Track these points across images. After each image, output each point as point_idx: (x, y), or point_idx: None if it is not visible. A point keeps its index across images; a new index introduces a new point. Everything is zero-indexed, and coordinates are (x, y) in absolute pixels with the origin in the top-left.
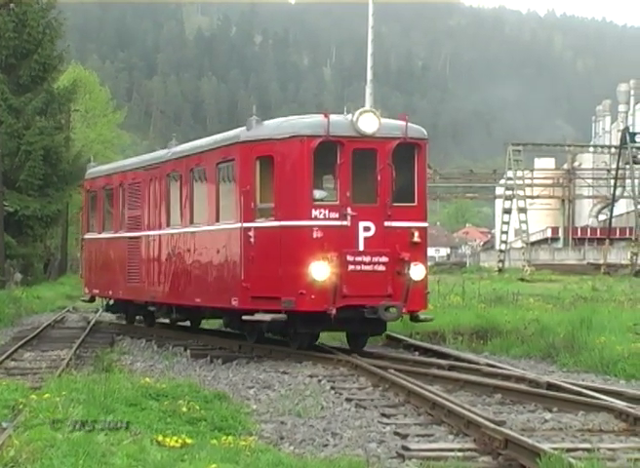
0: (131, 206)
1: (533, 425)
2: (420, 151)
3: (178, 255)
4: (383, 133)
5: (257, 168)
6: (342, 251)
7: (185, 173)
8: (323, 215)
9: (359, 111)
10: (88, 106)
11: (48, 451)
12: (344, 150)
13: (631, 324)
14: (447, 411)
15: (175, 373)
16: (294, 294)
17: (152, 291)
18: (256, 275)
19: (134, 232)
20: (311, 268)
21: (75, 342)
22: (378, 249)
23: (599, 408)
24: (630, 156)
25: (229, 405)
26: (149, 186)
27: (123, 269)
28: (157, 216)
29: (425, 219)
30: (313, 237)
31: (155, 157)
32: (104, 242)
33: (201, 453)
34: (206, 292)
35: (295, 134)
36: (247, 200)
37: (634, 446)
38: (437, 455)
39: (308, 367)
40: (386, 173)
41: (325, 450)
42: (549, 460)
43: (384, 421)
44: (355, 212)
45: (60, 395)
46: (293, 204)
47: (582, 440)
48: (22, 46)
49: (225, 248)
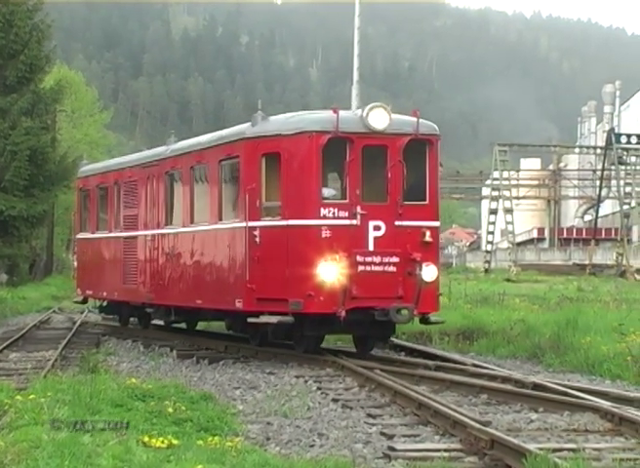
0: (127, 205)
1: (519, 425)
2: (432, 148)
3: (177, 256)
4: (394, 128)
5: (262, 165)
6: (352, 251)
7: (186, 170)
8: (332, 214)
9: (369, 106)
10: (74, 107)
11: (33, 452)
12: (354, 147)
13: (617, 324)
14: (433, 412)
15: (161, 374)
16: (301, 296)
17: (150, 292)
18: (261, 276)
19: (130, 232)
20: (320, 269)
21: (61, 343)
22: (388, 249)
23: (585, 408)
24: (616, 157)
25: (215, 405)
26: (147, 184)
27: (118, 270)
28: (155, 215)
29: (437, 219)
30: (322, 236)
31: (153, 154)
32: (98, 242)
33: (187, 454)
34: (208, 293)
35: (303, 129)
36: (252, 198)
37: (620, 446)
38: (423, 456)
39: (295, 367)
40: (397, 170)
41: (311, 451)
42: (535, 460)
43: (371, 422)
44: (365, 210)
45: (45, 396)
46: (301, 202)
47: (568, 440)
48: (9, 46)
49: (229, 248)
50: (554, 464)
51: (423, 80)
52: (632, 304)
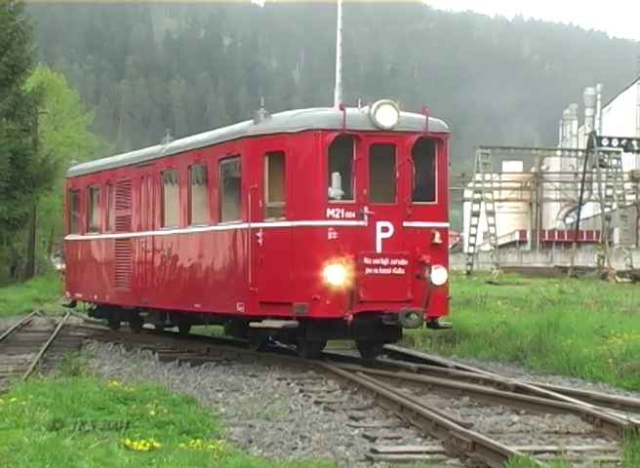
0: (120, 205)
1: (500, 427)
2: (442, 146)
3: (174, 258)
4: (403, 126)
5: (265, 164)
6: (359, 253)
7: (183, 170)
8: (338, 215)
9: (377, 103)
10: (55, 109)
11: (14, 455)
12: (361, 145)
13: (598, 326)
14: (415, 414)
15: (143, 377)
16: (307, 300)
17: (144, 295)
18: (264, 279)
19: (123, 233)
20: (326, 271)
21: (42, 346)
22: (396, 251)
23: (566, 410)
24: (597, 160)
25: (198, 408)
26: (141, 185)
27: (110, 272)
28: (150, 216)
29: (446, 219)
30: (328, 238)
31: (148, 153)
32: (88, 243)
33: (169, 457)
34: (207, 297)
35: (309, 127)
36: (255, 199)
37: (601, 448)
38: (405, 458)
39: (277, 370)
40: (406, 169)
41: (294, 454)
42: (517, 462)
43: (353, 424)
44: (372, 211)
45: (26, 399)
46: (306, 202)
47: (549, 442)
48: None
49: (230, 249)
50: (535, 466)
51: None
52: (613, 307)
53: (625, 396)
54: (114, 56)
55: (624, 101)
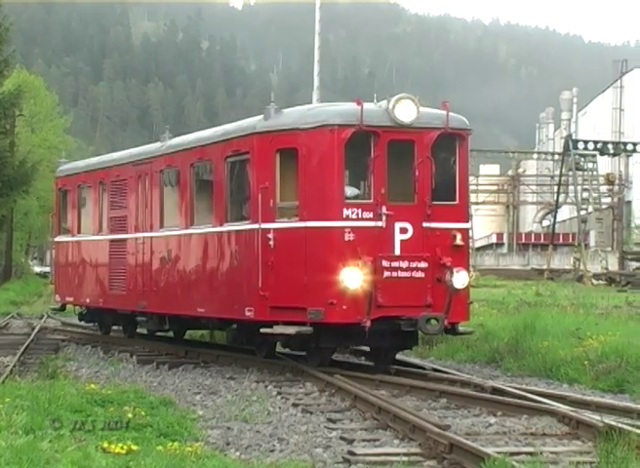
0: (114, 205)
1: (477, 429)
2: (463, 143)
3: (174, 260)
4: (422, 122)
5: (277, 162)
6: (377, 255)
7: (184, 168)
8: (355, 215)
9: (396, 98)
10: (33, 111)
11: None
12: (379, 142)
13: (574, 328)
14: (393, 416)
15: (120, 380)
16: (322, 304)
17: (141, 299)
18: (276, 283)
19: (118, 234)
20: (343, 275)
21: (19, 349)
22: (416, 253)
23: (542, 412)
24: (573, 163)
25: (175, 411)
26: (138, 184)
27: (104, 275)
28: (148, 217)
29: (468, 220)
30: (345, 239)
31: (145, 151)
32: (80, 245)
33: (146, 460)
34: (212, 301)
35: (324, 123)
36: (265, 198)
37: (576, 449)
38: (383, 460)
39: (254, 372)
40: (425, 167)
41: (271, 456)
42: (493, 464)
43: (331, 426)
44: (391, 211)
45: (3, 402)
46: (321, 202)
47: (526, 443)
48: None
49: (238, 251)
50: (512, 467)
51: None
52: (589, 309)
53: (601, 397)
54: (92, 58)
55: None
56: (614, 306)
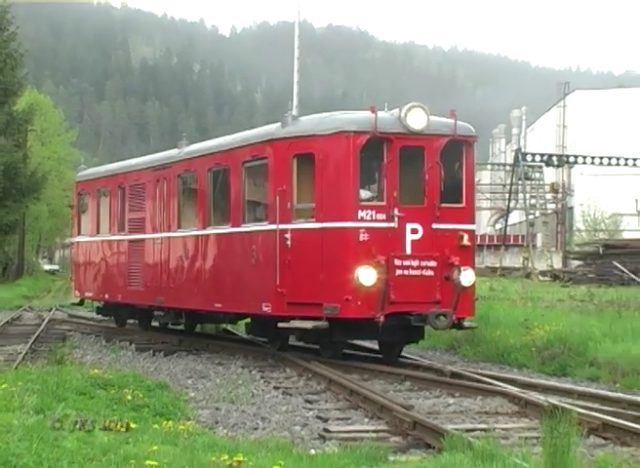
0: (133, 208)
1: (438, 409)
2: (469, 149)
3: (192, 259)
4: (432, 129)
5: (294, 166)
6: (390, 254)
7: (202, 173)
8: (370, 217)
9: (407, 106)
10: (43, 127)
11: (5, 436)
12: (392, 147)
13: (523, 319)
14: (363, 398)
15: (121, 365)
16: (338, 301)
17: (159, 295)
18: (292, 280)
19: (136, 235)
20: (358, 273)
21: (31, 338)
22: (426, 252)
23: (495, 393)
24: (522, 173)
25: (170, 393)
26: (156, 187)
27: (123, 272)
28: (166, 218)
29: (474, 221)
30: (359, 239)
31: (164, 157)
32: (99, 244)
33: (144, 437)
34: (229, 297)
35: (340, 129)
36: (283, 200)
37: (525, 426)
38: (354, 436)
39: (240, 359)
40: (435, 171)
41: (255, 433)
42: (451, 439)
43: (308, 407)
44: (402, 213)
45: (16, 385)
46: (337, 204)
47: (480, 421)
48: None
49: (255, 251)
50: (468, 443)
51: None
52: (536, 302)
53: (546, 380)
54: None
55: (546, 122)
56: (558, 299)
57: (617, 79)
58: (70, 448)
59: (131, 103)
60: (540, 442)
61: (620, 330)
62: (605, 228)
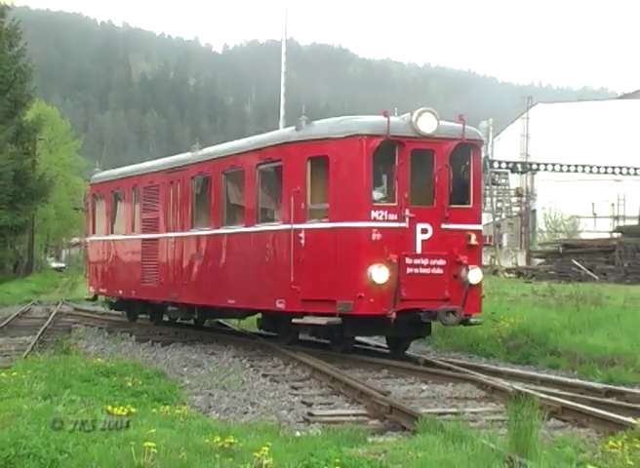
0: (146, 208)
1: (412, 395)
2: (477, 152)
3: (205, 257)
4: (442, 133)
5: (308, 168)
6: (401, 253)
7: (216, 175)
8: (382, 217)
9: (418, 111)
10: (51, 136)
11: (15, 419)
12: (404, 150)
13: (490, 312)
14: (344, 384)
15: (122, 355)
16: (352, 298)
17: (172, 291)
18: (306, 277)
19: (149, 234)
20: (371, 271)
21: (39, 329)
22: (435, 251)
23: (465, 380)
24: (490, 179)
25: (167, 380)
26: (170, 189)
27: (136, 270)
28: (180, 218)
29: (480, 222)
30: (372, 239)
31: (177, 160)
32: (113, 243)
33: (143, 420)
34: (242, 294)
35: (354, 133)
36: (297, 201)
37: (492, 409)
38: (336, 419)
39: (232, 349)
40: (444, 174)
41: (245, 417)
42: (425, 422)
43: (294, 392)
44: (413, 213)
45: (25, 373)
46: (351, 205)
47: (451, 406)
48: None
49: (269, 249)
50: (440, 425)
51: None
52: (502, 297)
53: (511, 368)
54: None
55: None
56: (522, 294)
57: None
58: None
59: (131, 114)
60: (506, 424)
61: (578, 322)
62: (564, 229)
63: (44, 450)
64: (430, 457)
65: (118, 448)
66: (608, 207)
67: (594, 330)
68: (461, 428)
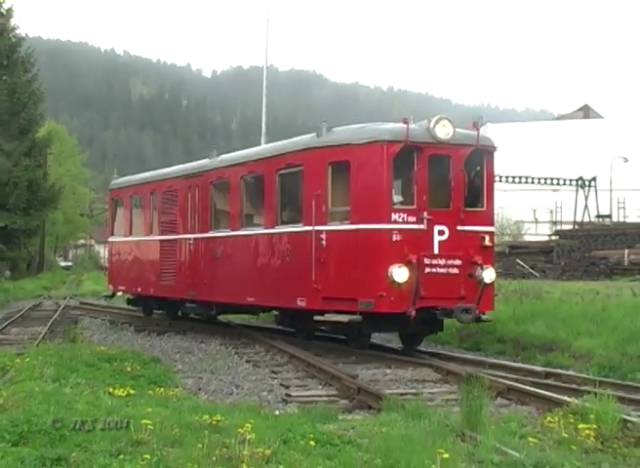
0: (165, 211)
1: (377, 378)
2: (490, 158)
3: (224, 257)
4: (458, 140)
5: (329, 172)
6: (420, 253)
7: (235, 180)
8: (402, 219)
9: (436, 118)
10: (59, 150)
11: (28, 400)
12: (422, 156)
13: None
14: (318, 369)
15: (122, 343)
16: (373, 296)
17: (190, 289)
18: (327, 277)
19: (168, 235)
20: (392, 271)
21: (49, 321)
22: (452, 252)
23: (423, 365)
24: None
25: (162, 365)
26: (188, 193)
27: (154, 269)
28: (199, 221)
29: (493, 224)
30: (393, 240)
31: (196, 166)
32: (132, 244)
33: (141, 400)
34: (262, 292)
35: (375, 139)
36: (318, 204)
37: (447, 390)
38: (311, 400)
39: (219, 338)
40: (459, 178)
41: (230, 397)
42: (388, 402)
43: (273, 376)
44: (431, 216)
45: (37, 359)
46: (372, 207)
47: (411, 387)
48: (13, 107)
49: (290, 250)
50: (401, 404)
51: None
52: None
53: (464, 354)
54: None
55: None
56: None
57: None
58: (81, 409)
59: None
60: (459, 403)
61: (522, 313)
62: (510, 232)
63: (53, 427)
64: (393, 432)
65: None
66: (547, 213)
67: (535, 320)
68: (420, 407)
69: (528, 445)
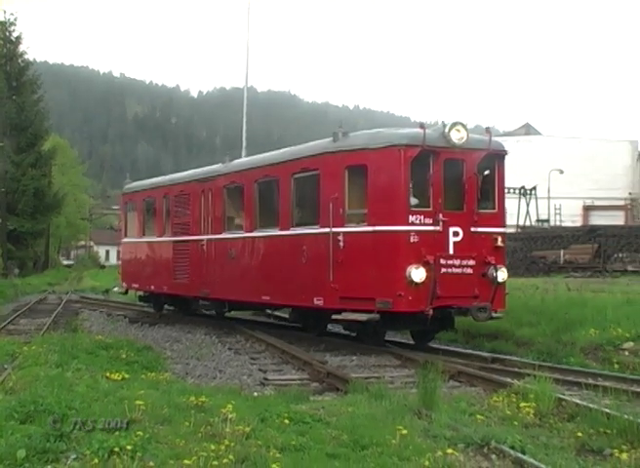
0: (178, 214)
1: (345, 363)
2: (501, 162)
3: (238, 257)
4: (471, 144)
5: (345, 176)
6: (436, 254)
7: (248, 183)
8: (419, 221)
9: (450, 123)
10: (62, 161)
11: (34, 383)
12: (437, 159)
13: None
14: (292, 356)
15: (118, 333)
16: (391, 296)
17: (204, 287)
18: (345, 277)
19: (181, 237)
20: (410, 271)
21: (53, 313)
22: (466, 253)
23: (385, 352)
24: None
25: (153, 353)
26: (201, 196)
27: (167, 268)
28: (212, 223)
29: (505, 225)
30: (410, 241)
31: (209, 171)
32: (145, 245)
33: (134, 384)
34: (277, 291)
35: (392, 143)
36: (336, 207)
37: (405, 374)
38: (286, 383)
39: (204, 329)
40: (473, 181)
41: (214, 381)
42: (354, 384)
43: (253, 362)
44: (446, 217)
45: (42, 347)
46: (390, 210)
47: (374, 372)
48: (21, 124)
49: (307, 251)
50: (365, 387)
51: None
52: None
53: None
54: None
55: None
56: None
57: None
58: (81, 391)
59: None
60: (416, 385)
61: None
62: None
63: (57, 407)
64: (358, 411)
65: (115, 406)
66: None
67: None
68: (382, 389)
69: (476, 421)
